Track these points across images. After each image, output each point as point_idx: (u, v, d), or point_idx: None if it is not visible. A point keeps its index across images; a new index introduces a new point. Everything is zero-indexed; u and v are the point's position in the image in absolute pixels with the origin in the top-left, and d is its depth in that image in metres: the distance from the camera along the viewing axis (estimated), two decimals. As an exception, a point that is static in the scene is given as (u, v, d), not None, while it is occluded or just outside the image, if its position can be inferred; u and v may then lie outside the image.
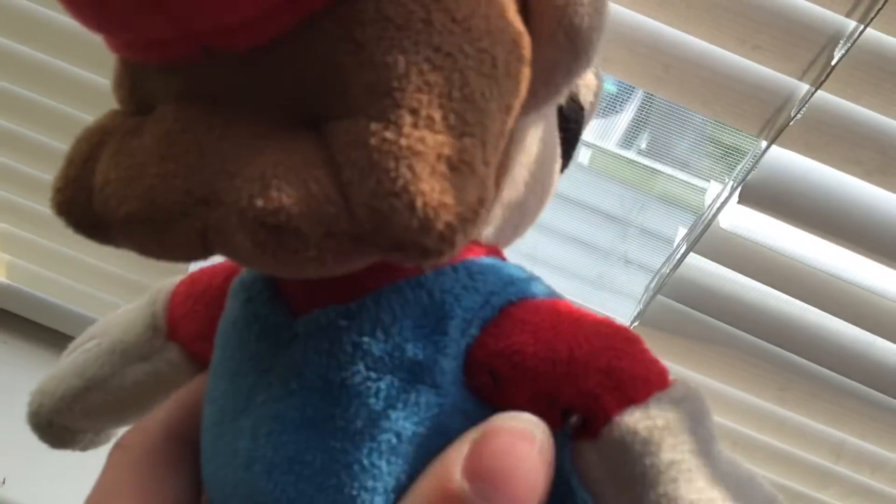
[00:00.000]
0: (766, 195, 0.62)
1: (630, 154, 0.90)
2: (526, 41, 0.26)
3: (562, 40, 0.27)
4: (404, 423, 0.30)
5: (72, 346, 0.44)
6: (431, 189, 0.22)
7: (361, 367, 0.30)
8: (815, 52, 0.55)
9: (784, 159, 0.62)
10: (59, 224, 0.27)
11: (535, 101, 0.28)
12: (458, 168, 0.23)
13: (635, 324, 0.74)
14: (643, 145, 0.78)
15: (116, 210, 0.24)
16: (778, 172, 0.62)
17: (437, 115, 0.23)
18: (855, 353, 0.72)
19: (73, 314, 0.95)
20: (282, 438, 0.30)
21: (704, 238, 0.67)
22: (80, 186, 0.26)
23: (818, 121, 0.58)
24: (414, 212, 0.22)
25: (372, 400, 0.30)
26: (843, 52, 0.55)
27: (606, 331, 0.30)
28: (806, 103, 0.58)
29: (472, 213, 0.23)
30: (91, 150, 0.26)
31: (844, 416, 0.76)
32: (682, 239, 0.72)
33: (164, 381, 0.41)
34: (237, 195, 0.23)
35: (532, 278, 0.33)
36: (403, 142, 0.22)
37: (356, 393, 0.30)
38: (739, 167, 0.66)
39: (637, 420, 0.28)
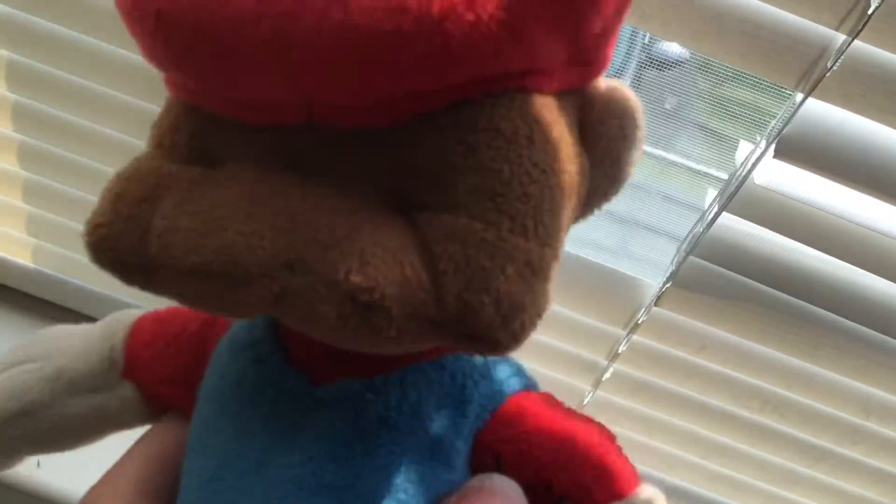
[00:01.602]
0: (802, 149, 0.63)
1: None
2: (586, 168, 0.29)
3: (608, 168, 0.30)
4: (418, 498, 0.31)
5: (1, 362, 0.41)
6: (516, 292, 0.24)
7: (386, 440, 0.31)
8: (852, 1, 0.55)
9: (820, 112, 0.62)
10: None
11: (575, 216, 0.31)
12: (538, 274, 0.26)
13: (668, 285, 0.75)
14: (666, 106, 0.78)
15: (182, 258, 0.24)
16: (814, 125, 0.62)
17: (530, 225, 0.25)
18: (888, 308, 0.73)
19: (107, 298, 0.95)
20: (297, 503, 0.31)
21: (738, 196, 0.67)
22: (133, 226, 0.26)
23: (855, 71, 0.58)
24: (499, 310, 0.24)
25: (392, 473, 0.31)
26: (879, 0, 0.55)
27: (595, 428, 0.36)
28: (843, 53, 0.58)
29: (539, 316, 0.26)
30: (146, 191, 0.26)
31: (875, 371, 0.77)
32: (715, 198, 0.72)
33: (108, 418, 0.40)
34: (332, 267, 0.23)
35: (526, 368, 0.38)
36: (500, 245, 0.25)
37: (378, 465, 0.31)
38: (774, 122, 0.66)
39: None
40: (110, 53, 0.75)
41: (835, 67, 0.58)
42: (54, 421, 0.39)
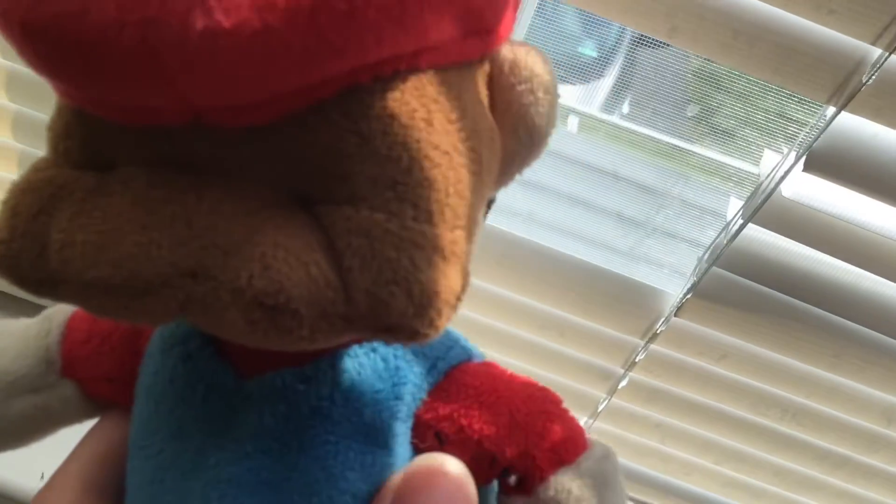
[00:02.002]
0: (833, 163, 0.61)
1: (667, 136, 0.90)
2: (499, 138, 0.28)
3: (522, 136, 0.29)
4: (360, 485, 0.31)
5: None
6: (427, 279, 0.24)
7: (321, 430, 0.30)
8: (891, 16, 0.54)
9: (852, 126, 0.61)
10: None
11: (493, 186, 0.30)
12: (449, 259, 0.24)
13: (688, 296, 0.74)
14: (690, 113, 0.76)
15: (82, 273, 0.24)
16: (845, 139, 0.61)
17: (435, 210, 0.24)
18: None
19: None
20: (236, 501, 0.30)
21: (765, 208, 0.66)
22: (31, 242, 0.25)
23: (890, 85, 0.57)
24: (411, 299, 0.23)
25: (330, 462, 0.30)
26: (919, 14, 0.54)
27: (537, 394, 0.34)
28: (879, 67, 0.56)
29: (457, 299, 0.25)
30: (41, 203, 0.25)
31: (897, 380, 0.76)
32: (740, 210, 0.71)
33: (53, 415, 0.39)
34: (234, 273, 0.23)
35: (464, 339, 0.36)
36: (405, 234, 0.23)
37: (315, 456, 0.30)
38: (802, 135, 0.65)
39: (569, 480, 0.32)
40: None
41: (869, 82, 0.57)
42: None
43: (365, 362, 0.32)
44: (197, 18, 0.20)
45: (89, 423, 0.40)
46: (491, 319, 0.84)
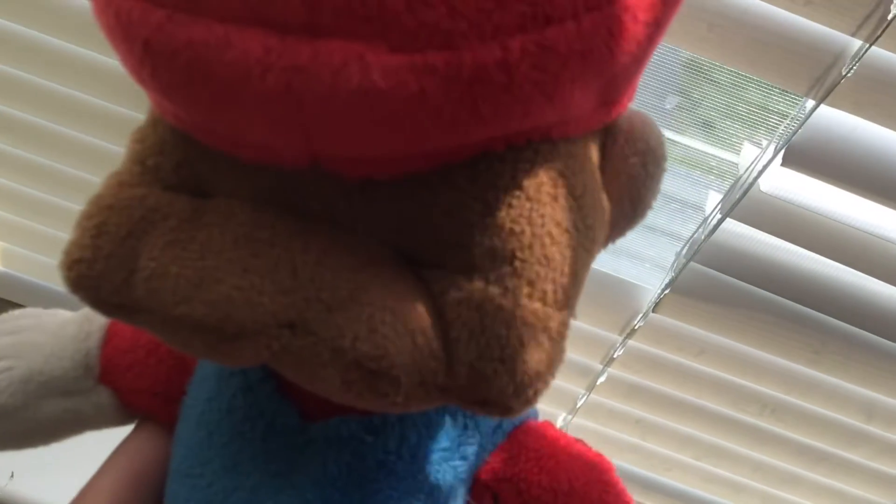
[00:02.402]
0: (811, 157, 0.60)
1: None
2: (608, 209, 0.27)
3: (626, 207, 0.28)
4: None
5: None
6: (532, 359, 0.23)
7: (384, 485, 0.30)
8: (871, 7, 0.52)
9: (830, 119, 0.59)
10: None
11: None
12: (555, 339, 0.24)
13: (666, 291, 0.72)
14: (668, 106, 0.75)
15: (171, 307, 0.22)
16: (825, 133, 0.60)
17: (549, 289, 0.23)
18: (890, 314, 0.71)
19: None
20: None
21: (743, 203, 0.65)
22: (117, 265, 0.23)
23: (869, 78, 0.55)
24: (513, 379, 0.23)
25: None
26: (899, 5, 0.52)
27: (593, 460, 0.34)
28: (858, 60, 0.55)
29: (553, 377, 0.24)
30: (131, 225, 0.24)
31: (877, 376, 0.75)
32: (717, 204, 0.70)
33: (83, 420, 0.38)
34: (337, 332, 0.22)
35: None
36: (518, 312, 0.22)
37: None
38: (781, 128, 0.64)
39: None
40: (82, 57, 0.71)
41: (849, 74, 0.55)
42: (26, 423, 0.37)
43: (434, 418, 0.31)
44: (352, 75, 0.18)
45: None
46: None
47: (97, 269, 0.23)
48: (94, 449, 0.42)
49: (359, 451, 0.30)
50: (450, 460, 0.31)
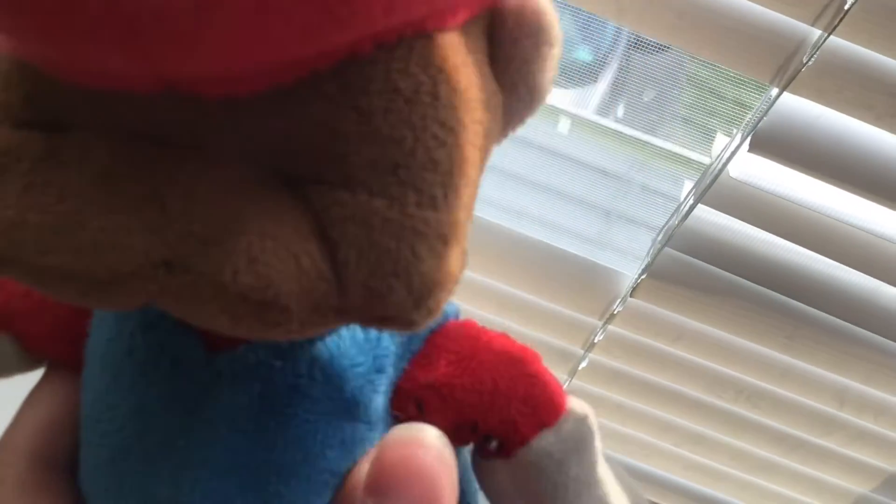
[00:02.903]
0: (777, 143, 0.63)
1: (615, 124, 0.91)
2: (500, 99, 0.26)
3: (522, 93, 0.26)
4: (339, 462, 0.29)
5: None
6: (428, 269, 0.22)
7: (299, 409, 0.29)
8: (829, -3, 0.55)
9: (795, 107, 0.62)
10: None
11: (489, 152, 0.27)
12: (451, 244, 0.22)
13: (643, 277, 0.75)
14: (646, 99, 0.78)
15: (35, 258, 0.21)
16: (789, 119, 0.62)
17: (439, 194, 0.22)
18: (861, 300, 0.73)
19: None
20: (210, 485, 0.29)
21: (713, 188, 0.67)
22: None
23: (831, 66, 0.58)
24: (411, 291, 0.21)
25: (309, 442, 0.29)
26: (856, -5, 0.55)
27: (518, 355, 0.32)
28: (818, 49, 0.58)
29: (455, 283, 0.23)
30: None
31: (849, 362, 0.78)
32: (690, 191, 0.72)
33: None
34: (216, 267, 0.20)
35: None
36: (407, 223, 0.21)
37: (293, 436, 0.29)
38: (749, 116, 0.66)
39: (551, 443, 0.30)
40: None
41: (810, 63, 0.58)
42: None
43: (344, 334, 0.29)
44: None
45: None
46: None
47: None
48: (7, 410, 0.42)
49: (269, 377, 0.28)
50: (366, 375, 0.30)
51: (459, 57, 0.23)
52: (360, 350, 0.30)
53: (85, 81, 0.21)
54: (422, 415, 0.31)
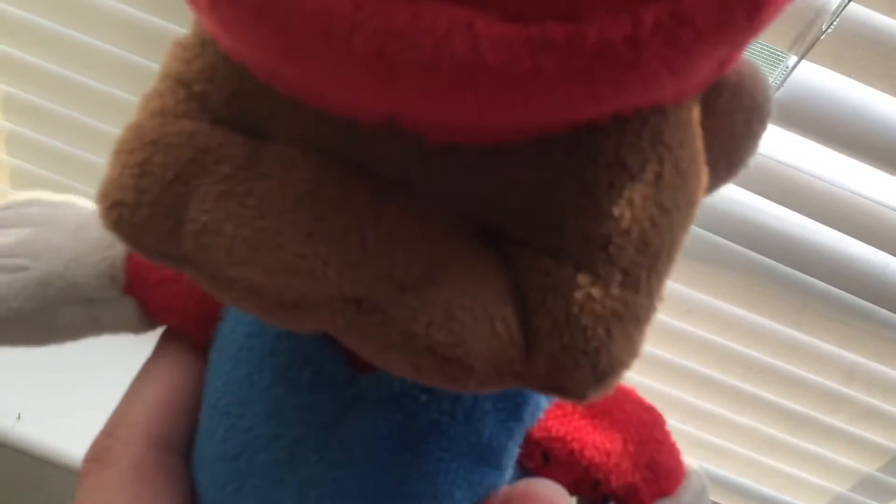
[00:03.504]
0: (795, 113, 0.62)
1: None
2: (707, 175, 0.24)
3: (721, 169, 0.25)
4: (464, 502, 0.29)
5: None
6: (617, 350, 0.20)
7: (435, 446, 0.28)
8: (851, -37, 0.55)
9: (813, 75, 0.62)
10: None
11: None
12: (642, 327, 0.21)
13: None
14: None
15: (225, 267, 0.20)
16: (807, 89, 0.62)
17: (643, 276, 0.21)
18: (872, 275, 0.73)
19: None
20: None
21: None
22: (163, 213, 0.21)
23: (850, 33, 0.58)
24: (595, 371, 0.20)
25: (440, 480, 0.28)
26: (878, -39, 0.55)
27: (647, 418, 0.33)
28: (838, 16, 0.57)
29: (633, 362, 0.22)
30: (178, 168, 0.21)
31: (858, 337, 0.78)
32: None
33: (104, 326, 0.35)
34: (410, 315, 0.20)
35: None
36: (609, 304, 0.20)
37: (425, 472, 0.28)
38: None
39: None
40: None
41: (829, 30, 0.58)
42: (41, 327, 0.34)
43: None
44: (458, 46, 0.15)
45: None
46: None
47: (140, 216, 0.21)
48: (102, 391, 0.41)
49: (411, 409, 0.28)
50: (505, 422, 0.29)
51: (687, 134, 0.21)
52: (504, 395, 0.29)
53: (307, 101, 0.20)
54: (547, 466, 0.31)
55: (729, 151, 0.24)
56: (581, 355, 0.20)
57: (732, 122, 0.24)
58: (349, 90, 0.18)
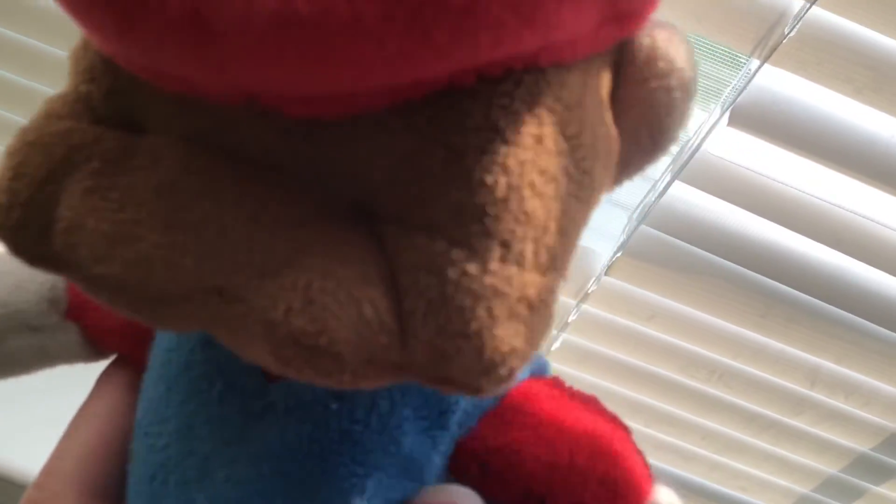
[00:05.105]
0: (757, 117, 0.62)
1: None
2: (617, 145, 0.22)
3: (644, 139, 0.23)
4: None
5: None
6: (504, 334, 0.19)
7: (348, 459, 0.26)
8: (812, -34, 0.54)
9: (776, 79, 0.61)
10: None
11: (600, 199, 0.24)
12: (537, 308, 0.19)
13: (618, 254, 0.74)
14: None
15: (90, 265, 0.20)
16: (770, 93, 0.61)
17: (529, 251, 0.19)
18: (834, 278, 0.73)
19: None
20: None
21: (691, 165, 0.66)
22: (35, 213, 0.20)
23: (812, 37, 0.57)
24: (481, 357, 0.19)
25: (355, 496, 0.26)
26: (839, -35, 0.54)
27: (605, 428, 0.30)
28: (800, 20, 0.57)
29: (535, 350, 0.20)
30: (51, 166, 0.20)
31: (821, 341, 0.77)
32: (667, 167, 0.71)
33: (51, 356, 0.35)
34: (269, 302, 0.19)
35: None
36: (487, 280, 0.18)
37: (338, 488, 0.26)
38: (728, 89, 0.65)
39: None
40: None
41: (791, 34, 0.57)
42: None
43: (411, 383, 0.25)
44: None
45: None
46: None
47: (13, 218, 0.21)
48: (70, 411, 0.40)
49: (322, 419, 0.26)
50: (428, 430, 0.27)
51: (574, 97, 0.20)
52: (426, 401, 0.27)
53: (163, 84, 0.20)
54: (485, 480, 0.29)
55: (650, 122, 0.22)
56: (462, 339, 0.18)
57: (648, 90, 0.22)
58: (183, 62, 0.17)
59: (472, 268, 0.18)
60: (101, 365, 0.35)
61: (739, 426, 0.88)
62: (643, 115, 0.22)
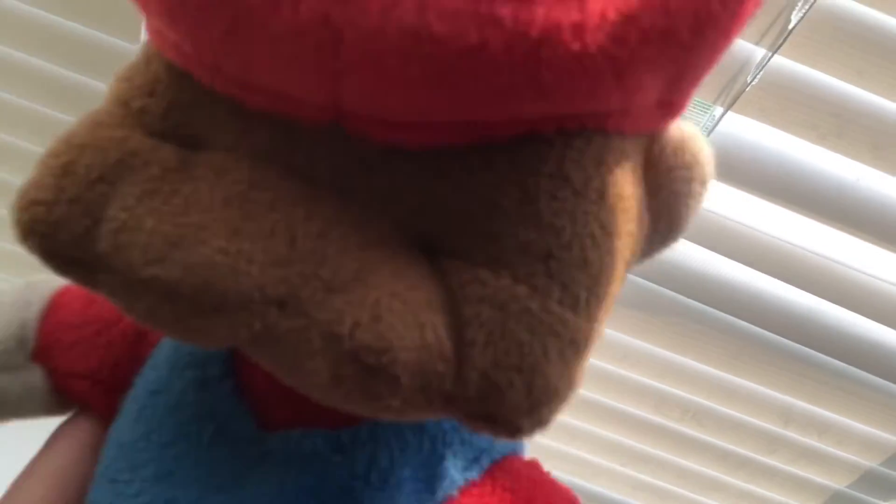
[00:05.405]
0: (722, 162, 0.62)
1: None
2: (647, 224, 0.24)
3: (662, 225, 0.24)
4: None
5: None
6: (553, 374, 0.20)
7: None
8: (773, 16, 0.54)
9: (738, 126, 0.61)
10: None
11: None
12: (580, 354, 0.20)
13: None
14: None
15: (139, 267, 0.19)
16: (733, 139, 0.61)
17: (583, 297, 0.20)
18: (805, 319, 0.73)
19: None
20: None
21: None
22: (80, 212, 0.20)
23: (774, 85, 0.58)
24: (529, 394, 0.19)
25: None
26: (800, 15, 0.54)
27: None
28: (762, 68, 0.57)
29: (569, 399, 0.21)
30: (104, 168, 0.20)
31: (794, 381, 0.77)
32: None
33: (7, 403, 0.33)
34: (335, 316, 0.19)
35: None
36: (545, 318, 0.19)
37: None
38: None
39: None
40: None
41: (754, 82, 0.57)
42: None
43: (410, 440, 0.27)
44: (406, 13, 0.16)
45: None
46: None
47: (56, 214, 0.20)
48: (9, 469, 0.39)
49: (322, 472, 0.26)
50: (420, 492, 0.27)
51: (629, 165, 0.21)
52: (423, 463, 0.27)
53: (246, 99, 0.20)
54: None
55: (669, 206, 0.24)
56: (515, 373, 0.19)
57: (673, 178, 0.24)
58: (293, 71, 0.18)
59: (534, 305, 0.19)
60: (37, 423, 0.33)
61: (713, 465, 0.88)
62: (665, 201, 0.24)
